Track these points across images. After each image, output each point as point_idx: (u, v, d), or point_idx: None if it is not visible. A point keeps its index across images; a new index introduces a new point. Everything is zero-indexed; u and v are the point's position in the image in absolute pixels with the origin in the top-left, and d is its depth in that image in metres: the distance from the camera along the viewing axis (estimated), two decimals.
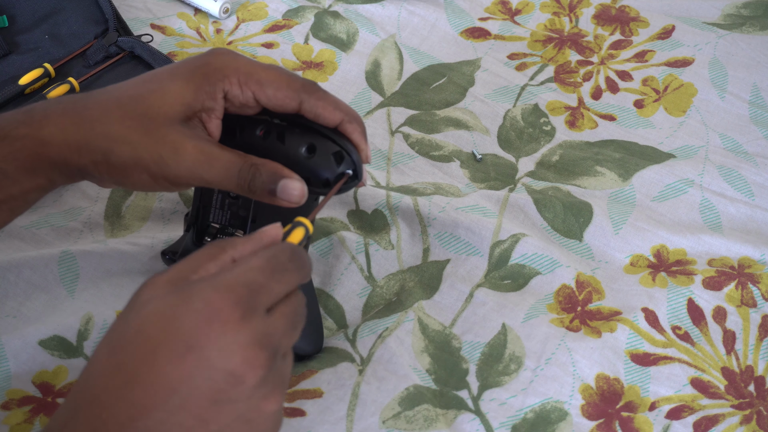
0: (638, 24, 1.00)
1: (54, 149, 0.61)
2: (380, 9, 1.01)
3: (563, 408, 0.70)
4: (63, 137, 0.61)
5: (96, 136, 0.60)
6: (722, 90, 0.94)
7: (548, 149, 0.88)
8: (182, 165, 0.60)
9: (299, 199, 0.61)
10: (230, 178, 0.61)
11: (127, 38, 0.93)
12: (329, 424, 0.68)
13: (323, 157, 0.63)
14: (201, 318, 0.49)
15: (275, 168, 0.61)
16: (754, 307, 0.76)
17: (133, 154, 0.60)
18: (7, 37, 0.94)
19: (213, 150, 0.61)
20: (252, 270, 0.51)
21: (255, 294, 0.51)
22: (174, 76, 0.62)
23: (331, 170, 0.63)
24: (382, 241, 0.79)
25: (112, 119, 0.61)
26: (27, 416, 0.68)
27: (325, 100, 0.63)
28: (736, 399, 0.71)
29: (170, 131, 0.60)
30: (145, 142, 0.60)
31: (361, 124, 0.65)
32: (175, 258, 0.69)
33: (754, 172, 0.87)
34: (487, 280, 0.77)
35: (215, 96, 0.62)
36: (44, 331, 0.72)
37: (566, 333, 0.74)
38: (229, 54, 0.63)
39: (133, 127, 0.60)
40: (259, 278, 0.51)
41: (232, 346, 0.49)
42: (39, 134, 0.61)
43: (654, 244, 0.80)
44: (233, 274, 0.51)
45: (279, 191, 0.61)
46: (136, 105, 0.61)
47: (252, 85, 0.62)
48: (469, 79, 0.95)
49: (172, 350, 0.49)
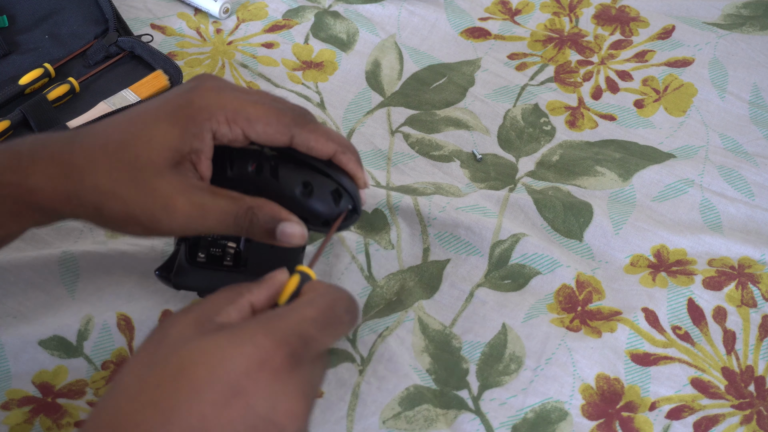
0: (638, 24, 1.00)
1: (43, 198, 0.59)
2: (380, 9, 1.01)
3: (563, 408, 0.70)
4: (52, 187, 0.58)
5: (86, 190, 0.58)
6: (722, 90, 0.94)
7: (548, 149, 0.88)
8: (175, 221, 0.58)
9: (300, 242, 0.59)
10: (227, 226, 0.59)
11: (127, 38, 0.93)
12: (330, 424, 0.68)
13: (321, 196, 0.61)
14: (251, 363, 0.48)
15: (273, 211, 0.59)
16: (754, 307, 0.76)
17: (124, 209, 0.58)
18: (7, 37, 0.94)
19: (205, 201, 0.58)
20: (307, 321, 0.50)
21: (308, 347, 0.49)
22: (158, 119, 0.59)
23: (330, 209, 0.62)
24: (382, 240, 0.79)
25: (100, 170, 0.58)
26: (27, 416, 0.68)
27: (317, 132, 0.61)
28: (737, 399, 0.71)
29: (160, 183, 0.58)
30: (136, 197, 0.58)
31: (355, 152, 0.63)
32: (170, 276, 0.67)
33: (754, 172, 0.87)
34: (487, 279, 0.77)
35: (203, 137, 0.59)
36: (44, 331, 0.72)
37: (566, 333, 0.74)
38: (214, 89, 0.60)
39: (122, 180, 0.58)
40: (313, 331, 0.50)
41: (279, 396, 0.48)
42: (26, 182, 0.59)
43: (654, 244, 0.80)
44: (288, 323, 0.49)
45: (278, 235, 0.59)
46: (123, 153, 0.58)
47: (240, 123, 0.59)
48: (469, 79, 0.95)
49: (217, 393, 0.47)
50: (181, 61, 0.95)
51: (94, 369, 0.71)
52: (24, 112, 0.85)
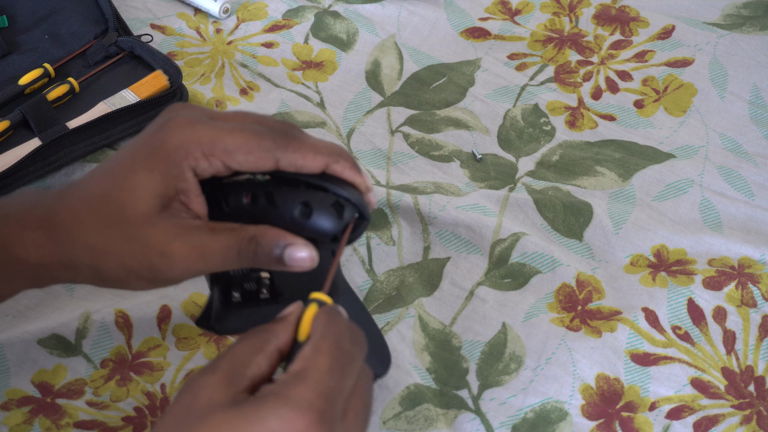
0: (638, 24, 1.00)
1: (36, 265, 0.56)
2: (380, 9, 1.01)
3: (563, 408, 0.70)
4: (42, 253, 0.56)
5: (78, 253, 0.55)
6: (722, 90, 0.94)
7: (548, 149, 0.88)
8: (176, 267, 0.55)
9: (311, 264, 0.56)
10: (231, 261, 0.56)
11: (127, 38, 0.93)
12: None
13: (322, 213, 0.58)
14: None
15: (275, 236, 0.56)
16: (754, 307, 0.76)
17: (122, 265, 0.55)
18: (7, 37, 0.94)
19: (203, 240, 0.55)
20: (324, 374, 0.48)
21: (333, 403, 0.47)
22: (135, 167, 0.55)
23: (334, 224, 0.58)
24: (384, 236, 0.79)
25: (88, 229, 0.55)
26: (26, 417, 0.68)
27: (302, 150, 0.56)
28: (736, 399, 0.71)
29: (153, 232, 0.55)
30: (131, 250, 0.55)
31: (349, 158, 0.58)
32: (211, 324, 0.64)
33: (754, 172, 0.87)
34: (487, 278, 0.77)
35: (184, 176, 0.55)
36: (43, 329, 0.72)
37: (566, 332, 0.74)
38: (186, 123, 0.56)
39: (114, 236, 0.55)
40: (333, 383, 0.48)
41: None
42: (15, 252, 0.56)
43: (654, 244, 0.80)
44: (308, 386, 0.47)
45: (287, 261, 0.55)
46: (106, 207, 0.55)
47: (219, 155, 0.55)
48: (469, 79, 0.95)
49: None
50: (181, 61, 0.95)
51: (93, 367, 0.71)
52: (24, 112, 0.85)
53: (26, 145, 0.84)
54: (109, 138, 0.85)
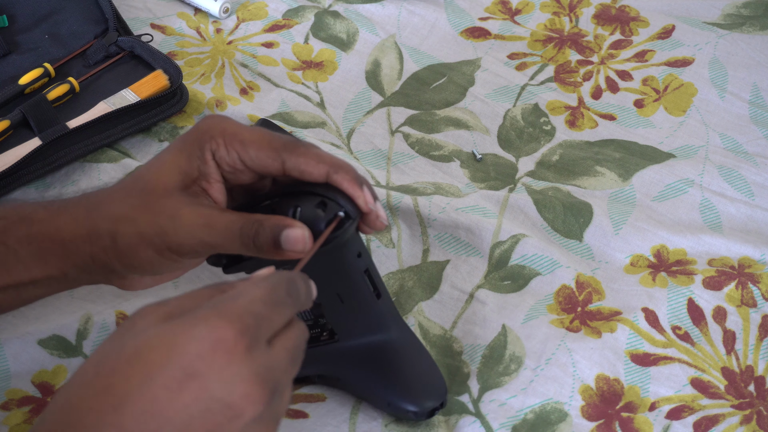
0: (638, 24, 1.00)
1: (67, 237, 0.61)
2: (380, 9, 1.01)
3: (563, 409, 0.70)
4: (75, 225, 0.61)
5: (102, 219, 0.61)
6: (722, 90, 0.94)
7: (548, 149, 0.88)
8: (181, 231, 0.59)
9: (303, 247, 0.59)
10: (233, 238, 0.59)
11: (127, 38, 0.93)
12: (332, 427, 0.68)
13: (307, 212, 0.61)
14: (204, 345, 0.47)
15: (278, 220, 0.59)
16: (754, 307, 0.76)
17: (136, 231, 0.60)
18: (7, 37, 0.94)
19: (212, 212, 0.60)
20: (255, 300, 0.50)
21: (259, 325, 0.49)
22: (169, 149, 0.63)
23: (317, 219, 0.61)
24: (384, 238, 0.79)
25: (116, 200, 0.61)
26: (26, 417, 0.68)
27: (307, 155, 0.61)
28: (736, 399, 0.71)
29: (168, 201, 0.60)
30: (146, 216, 0.60)
31: (350, 170, 0.62)
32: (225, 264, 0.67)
33: (754, 172, 0.87)
34: (487, 281, 0.77)
35: (206, 158, 0.61)
36: (43, 330, 0.72)
37: (566, 333, 0.74)
38: (218, 117, 0.63)
39: (135, 204, 0.60)
40: (262, 309, 0.50)
41: (235, 379, 0.47)
42: (56, 221, 0.62)
43: (654, 244, 0.80)
44: (237, 303, 0.49)
45: (283, 242, 0.59)
46: (137, 184, 0.61)
47: (236, 146, 0.61)
48: (469, 79, 0.95)
49: (171, 377, 0.47)
50: (181, 61, 0.94)
51: None
52: (24, 112, 0.85)
53: (26, 145, 0.84)
54: (109, 138, 0.85)
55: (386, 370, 0.68)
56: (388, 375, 0.68)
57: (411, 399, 0.67)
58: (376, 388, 0.68)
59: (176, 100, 0.89)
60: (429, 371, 0.69)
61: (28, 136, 0.85)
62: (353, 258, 0.65)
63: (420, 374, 0.69)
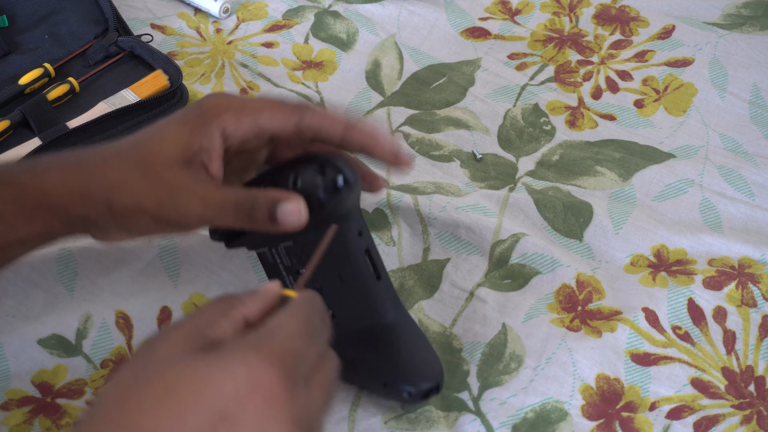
0: (638, 24, 1.00)
1: (55, 197, 0.61)
2: (380, 9, 1.01)
3: (563, 408, 0.70)
4: (64, 186, 0.61)
5: (96, 183, 0.60)
6: (722, 90, 0.94)
7: (548, 149, 0.88)
8: (180, 206, 0.60)
9: (298, 220, 0.59)
10: (228, 211, 0.60)
11: (127, 38, 0.93)
12: (331, 425, 0.68)
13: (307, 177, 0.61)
14: (242, 387, 0.45)
15: (273, 193, 0.60)
16: (754, 307, 0.76)
17: (133, 199, 0.60)
18: (7, 37, 0.94)
19: (209, 187, 0.60)
20: (293, 336, 0.48)
21: (299, 364, 0.47)
22: (170, 122, 0.63)
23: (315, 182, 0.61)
24: (384, 236, 0.79)
25: (111, 165, 0.61)
26: (26, 417, 0.68)
27: (323, 112, 0.62)
28: (737, 399, 0.71)
29: (168, 174, 0.60)
30: (144, 186, 0.60)
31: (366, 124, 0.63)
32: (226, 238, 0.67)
33: (754, 172, 0.87)
34: (487, 279, 0.77)
35: (212, 135, 0.61)
36: (43, 329, 0.72)
37: (567, 333, 0.74)
38: (221, 94, 0.64)
39: (132, 173, 0.60)
40: (301, 345, 0.48)
41: (272, 424, 0.45)
42: (41, 183, 0.61)
43: (654, 244, 0.80)
44: (277, 341, 0.47)
45: (279, 215, 0.59)
46: (134, 152, 0.61)
47: (247, 116, 0.62)
48: (469, 79, 0.95)
49: (203, 419, 0.44)
50: (181, 61, 0.95)
51: (93, 368, 0.71)
52: (24, 112, 0.85)
53: (26, 145, 0.84)
54: (109, 138, 0.85)
55: (383, 352, 0.68)
56: (384, 356, 0.68)
57: (406, 379, 0.67)
58: (372, 370, 0.68)
59: (176, 100, 0.89)
60: (425, 354, 0.69)
61: (28, 136, 0.85)
62: (354, 236, 0.65)
63: (416, 356, 0.68)
